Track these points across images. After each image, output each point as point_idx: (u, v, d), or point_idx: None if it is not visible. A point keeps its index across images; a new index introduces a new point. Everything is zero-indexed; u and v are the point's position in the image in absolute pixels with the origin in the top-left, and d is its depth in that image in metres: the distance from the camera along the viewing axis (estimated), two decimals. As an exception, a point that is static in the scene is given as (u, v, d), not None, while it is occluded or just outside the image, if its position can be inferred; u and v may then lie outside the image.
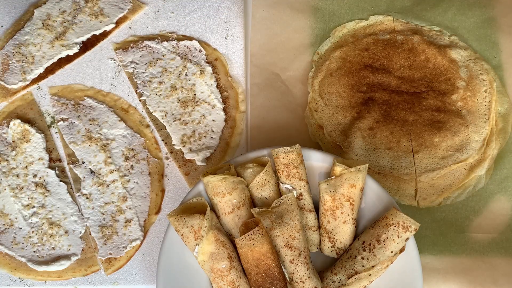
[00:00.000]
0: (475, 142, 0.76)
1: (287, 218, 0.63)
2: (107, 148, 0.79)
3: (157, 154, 0.79)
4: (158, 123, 0.81)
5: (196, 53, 0.84)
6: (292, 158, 0.66)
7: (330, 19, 0.85)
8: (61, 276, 0.74)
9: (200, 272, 0.66)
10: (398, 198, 0.75)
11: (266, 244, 0.60)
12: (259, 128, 0.79)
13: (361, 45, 0.82)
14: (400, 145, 0.76)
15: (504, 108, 0.79)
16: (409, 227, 0.62)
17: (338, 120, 0.79)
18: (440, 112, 0.77)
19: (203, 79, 0.82)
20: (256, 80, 0.82)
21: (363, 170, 0.65)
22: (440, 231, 0.74)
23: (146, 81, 0.82)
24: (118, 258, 0.74)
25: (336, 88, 0.80)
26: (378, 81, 0.80)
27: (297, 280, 0.63)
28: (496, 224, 0.74)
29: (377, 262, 0.63)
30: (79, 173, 0.77)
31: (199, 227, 0.64)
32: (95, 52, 0.85)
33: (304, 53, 0.84)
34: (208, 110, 0.81)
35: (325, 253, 0.68)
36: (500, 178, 0.76)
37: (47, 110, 0.82)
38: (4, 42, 0.84)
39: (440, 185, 0.76)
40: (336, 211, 0.65)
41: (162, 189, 0.78)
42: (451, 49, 0.81)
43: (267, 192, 0.67)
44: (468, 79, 0.80)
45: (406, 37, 0.83)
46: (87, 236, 0.75)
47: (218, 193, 0.65)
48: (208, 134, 0.80)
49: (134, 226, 0.75)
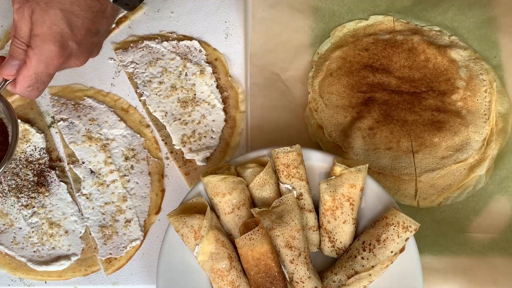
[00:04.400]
0: (475, 142, 0.76)
1: (287, 218, 0.63)
2: (107, 148, 0.79)
3: (157, 154, 0.79)
4: (158, 123, 0.81)
5: (196, 53, 0.84)
6: (292, 158, 0.66)
7: (330, 19, 0.85)
8: (61, 276, 0.74)
9: (200, 272, 0.66)
10: (398, 198, 0.75)
11: (266, 244, 0.60)
12: (259, 128, 0.79)
13: (361, 45, 0.82)
14: (400, 145, 0.76)
15: (504, 108, 0.79)
16: (409, 227, 0.62)
17: (338, 120, 0.79)
18: (440, 112, 0.77)
19: (203, 79, 0.82)
20: (256, 80, 0.82)
21: (363, 170, 0.65)
22: (440, 231, 0.74)
23: (146, 81, 0.82)
24: (118, 258, 0.74)
25: (336, 88, 0.80)
26: (378, 81, 0.80)
27: (297, 280, 0.64)
28: (496, 224, 0.74)
29: (377, 262, 0.63)
30: (79, 173, 0.77)
31: (199, 227, 0.64)
32: (95, 52, 0.85)
33: (304, 53, 0.84)
34: (208, 110, 0.81)
35: (325, 253, 0.68)
36: (500, 178, 0.76)
37: (47, 110, 0.82)
38: (4, 42, 0.84)
39: (440, 185, 0.76)
40: (336, 211, 0.65)
41: (162, 189, 0.78)
42: (451, 49, 0.81)
43: (267, 192, 0.67)
44: (468, 79, 0.80)
45: (406, 37, 0.83)
46: (87, 236, 0.75)
47: (218, 193, 0.65)
48: (208, 134, 0.80)
49: (134, 226, 0.75)
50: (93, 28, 0.68)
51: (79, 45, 0.67)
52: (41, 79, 0.66)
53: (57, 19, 0.64)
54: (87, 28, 0.67)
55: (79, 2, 0.65)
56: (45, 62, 0.65)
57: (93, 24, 0.67)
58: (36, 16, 0.63)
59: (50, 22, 0.64)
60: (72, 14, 0.65)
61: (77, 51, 0.67)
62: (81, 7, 0.65)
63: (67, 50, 0.66)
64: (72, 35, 0.65)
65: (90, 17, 0.67)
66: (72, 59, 0.68)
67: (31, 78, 0.65)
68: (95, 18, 0.67)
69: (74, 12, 0.65)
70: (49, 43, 0.64)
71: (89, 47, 0.70)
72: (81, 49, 0.68)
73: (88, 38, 0.68)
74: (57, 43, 0.64)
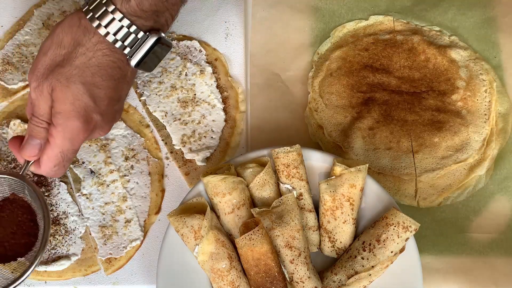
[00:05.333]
0: (475, 142, 0.76)
1: (287, 218, 0.63)
2: (107, 148, 0.79)
3: (157, 154, 0.79)
4: (158, 123, 0.81)
5: (196, 53, 0.84)
6: (292, 158, 0.66)
7: (330, 19, 0.85)
8: (61, 276, 0.74)
9: (200, 272, 0.66)
10: (398, 198, 0.75)
11: (266, 244, 0.60)
12: (259, 128, 0.79)
13: (361, 45, 0.82)
14: (400, 145, 0.76)
15: (504, 108, 0.79)
16: (409, 227, 0.62)
17: (338, 120, 0.79)
18: (440, 112, 0.77)
19: (203, 79, 0.82)
20: (256, 80, 0.82)
21: (363, 170, 0.65)
22: (440, 231, 0.74)
23: (146, 81, 0.82)
24: (118, 258, 0.74)
25: (336, 88, 0.80)
26: (378, 81, 0.80)
27: (297, 280, 0.64)
28: (496, 224, 0.74)
29: (377, 262, 0.63)
30: (79, 173, 0.77)
31: (199, 227, 0.64)
32: (95, 52, 0.85)
33: (304, 53, 0.84)
34: (208, 110, 0.81)
35: (325, 253, 0.68)
36: (500, 178, 0.76)
37: (47, 110, 0.81)
38: (4, 42, 0.84)
39: (440, 185, 0.76)
40: (336, 211, 0.65)
41: (162, 189, 0.78)
42: (451, 49, 0.81)
43: (267, 192, 0.67)
44: (468, 79, 0.80)
45: (406, 37, 0.83)
46: (87, 236, 0.75)
47: (218, 193, 0.65)
48: (208, 134, 0.80)
49: (134, 226, 0.75)
50: (116, 96, 0.65)
51: (103, 116, 0.64)
52: (66, 157, 0.63)
53: (80, 93, 0.61)
54: (110, 97, 0.64)
55: (100, 73, 0.62)
56: (70, 139, 0.62)
57: (115, 92, 0.65)
58: (57, 93, 0.60)
59: (73, 98, 0.61)
60: (94, 86, 0.62)
61: (101, 122, 0.64)
62: (103, 78, 0.62)
63: (92, 123, 0.63)
64: (95, 107, 0.62)
65: (112, 86, 0.64)
66: (97, 131, 0.66)
67: (56, 157, 0.63)
68: (117, 85, 0.65)
69: (96, 83, 0.62)
70: (73, 119, 0.61)
71: (112, 115, 0.67)
72: (105, 119, 0.65)
73: (111, 107, 0.65)
74: (82, 118, 0.61)
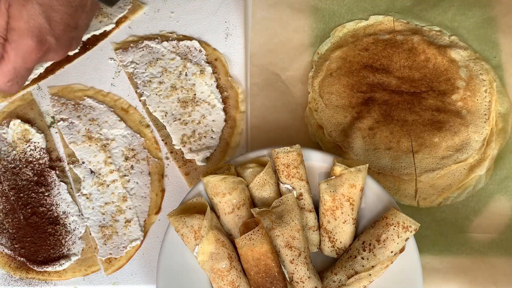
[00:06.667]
0: (475, 142, 0.76)
1: (287, 218, 0.63)
2: (107, 148, 0.79)
3: (157, 154, 0.79)
4: (158, 123, 0.81)
5: (196, 53, 0.84)
6: (292, 158, 0.66)
7: (330, 19, 0.85)
8: (61, 276, 0.74)
9: (200, 272, 0.66)
10: (398, 198, 0.75)
11: (266, 244, 0.60)
12: (259, 128, 0.79)
13: (361, 45, 0.82)
14: (400, 145, 0.76)
15: (504, 108, 0.79)
16: (409, 227, 0.62)
17: (338, 120, 0.79)
18: (440, 112, 0.77)
19: (203, 79, 0.82)
20: (256, 80, 0.82)
21: (363, 170, 0.65)
22: (440, 231, 0.74)
23: (146, 81, 0.82)
24: (118, 258, 0.74)
25: (336, 88, 0.80)
26: (378, 81, 0.80)
27: (297, 280, 0.64)
28: (496, 224, 0.74)
29: (377, 262, 0.63)
30: (79, 173, 0.77)
31: (199, 227, 0.64)
32: (95, 52, 0.85)
33: (304, 53, 0.84)
34: (208, 110, 0.81)
35: (325, 253, 0.68)
36: (500, 178, 0.76)
37: (47, 110, 0.82)
38: (4, 42, 0.84)
39: (440, 185, 0.76)
40: (336, 211, 0.65)
41: (162, 189, 0.78)
42: (451, 49, 0.81)
43: (267, 192, 0.67)
44: (468, 79, 0.80)
45: (406, 37, 0.83)
46: (87, 236, 0.75)
47: (218, 193, 0.65)
48: (208, 134, 0.80)
49: (134, 226, 0.75)
50: (72, 23, 0.67)
51: (58, 40, 0.66)
52: (20, 74, 0.66)
53: (35, 13, 0.63)
54: (66, 23, 0.66)
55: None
56: (22, 56, 0.64)
57: (72, 19, 0.66)
58: (13, 10, 0.62)
59: (28, 16, 0.62)
60: (50, 8, 0.64)
61: (55, 45, 0.66)
62: (60, 2, 0.64)
63: (45, 45, 0.65)
64: (50, 30, 0.64)
65: (70, 12, 0.66)
66: (50, 54, 0.68)
67: (10, 72, 0.65)
68: (75, 13, 0.67)
69: (53, 6, 0.64)
70: (26, 38, 0.63)
71: (67, 41, 0.69)
72: (60, 44, 0.67)
73: (67, 33, 0.67)
74: (35, 38, 0.63)
